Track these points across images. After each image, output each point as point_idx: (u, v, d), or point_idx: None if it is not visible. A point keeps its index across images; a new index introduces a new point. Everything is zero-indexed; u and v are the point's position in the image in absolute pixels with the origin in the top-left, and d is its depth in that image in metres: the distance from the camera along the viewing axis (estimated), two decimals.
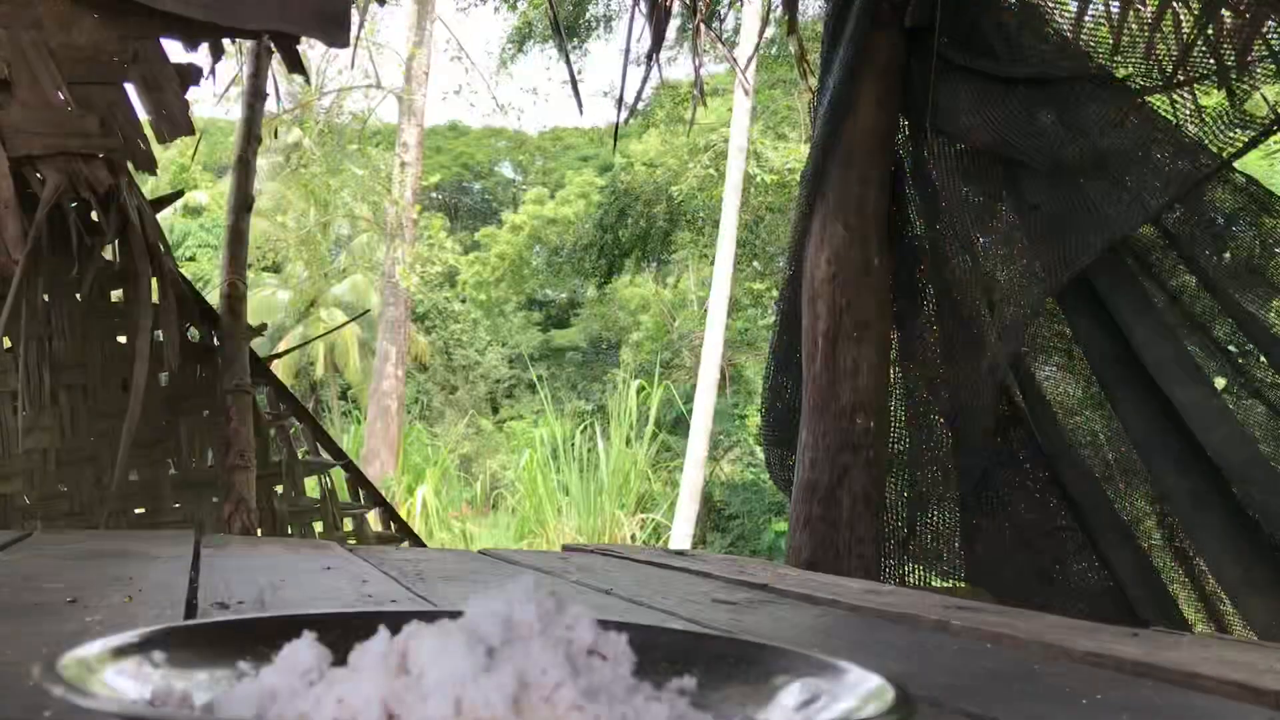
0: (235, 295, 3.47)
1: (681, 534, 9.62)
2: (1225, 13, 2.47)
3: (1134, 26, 2.62)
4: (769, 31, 11.22)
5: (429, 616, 0.54)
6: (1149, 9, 2.63)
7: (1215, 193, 2.48)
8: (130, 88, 2.82)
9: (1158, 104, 2.49)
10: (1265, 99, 2.82)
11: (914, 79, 2.89)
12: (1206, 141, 2.36)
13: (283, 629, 0.55)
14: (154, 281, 3.09)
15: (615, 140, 4.24)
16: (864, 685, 0.50)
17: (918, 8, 2.82)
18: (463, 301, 23.24)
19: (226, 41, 3.12)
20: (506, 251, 18.80)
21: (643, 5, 3.54)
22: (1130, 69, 2.56)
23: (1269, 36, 2.41)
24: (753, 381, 13.88)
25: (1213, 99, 2.51)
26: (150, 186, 13.57)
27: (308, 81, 12.48)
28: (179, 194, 3.69)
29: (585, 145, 26.81)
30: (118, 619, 0.90)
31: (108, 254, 3.18)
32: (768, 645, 0.57)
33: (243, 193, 3.65)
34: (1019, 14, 2.71)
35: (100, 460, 3.13)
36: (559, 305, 26.86)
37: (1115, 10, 2.66)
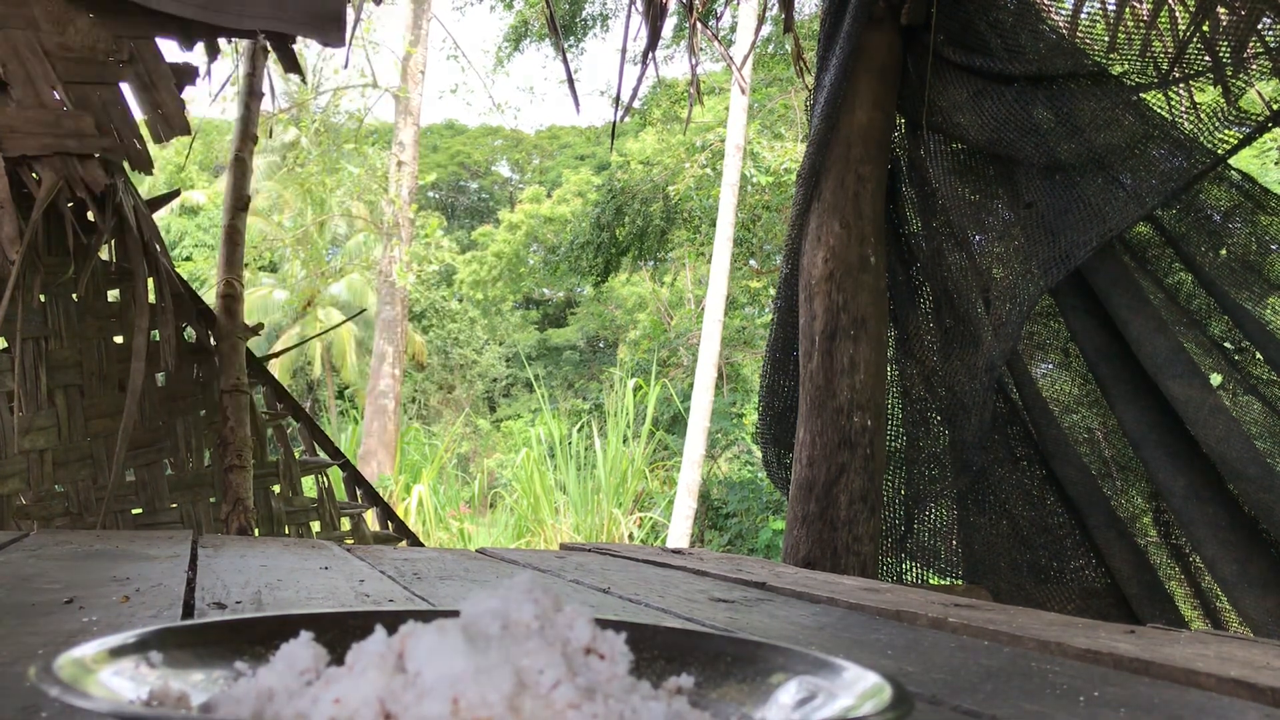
0: (231, 295, 3.46)
1: (679, 532, 9.62)
2: (1221, 9, 2.47)
3: (1130, 23, 2.63)
4: (765, 29, 11.23)
5: (426, 616, 0.54)
6: (1145, 6, 2.63)
7: (1211, 190, 2.49)
8: (126, 87, 2.81)
9: (1153, 101, 2.49)
10: (1260, 96, 2.83)
11: (910, 77, 2.90)
12: (1202, 138, 2.36)
13: (280, 629, 0.55)
14: (150, 281, 3.09)
15: (612, 139, 4.24)
16: (861, 683, 0.50)
17: (914, 5, 2.82)
18: (459, 300, 23.23)
19: (222, 41, 3.11)
20: (503, 250, 18.79)
21: (639, 3, 3.54)
22: (1126, 66, 2.56)
23: (1264, 33, 2.41)
24: (750, 380, 13.88)
25: (1208, 95, 2.51)
26: (146, 186, 13.56)
27: (304, 81, 12.45)
28: (175, 193, 3.68)
29: (582, 144, 26.83)
30: (115, 619, 0.90)
31: (104, 254, 3.18)
32: (765, 643, 0.57)
33: (239, 192, 3.64)
34: (1015, 11, 2.71)
35: (97, 460, 3.13)
36: (556, 304, 26.88)
37: (1111, 7, 2.67)
